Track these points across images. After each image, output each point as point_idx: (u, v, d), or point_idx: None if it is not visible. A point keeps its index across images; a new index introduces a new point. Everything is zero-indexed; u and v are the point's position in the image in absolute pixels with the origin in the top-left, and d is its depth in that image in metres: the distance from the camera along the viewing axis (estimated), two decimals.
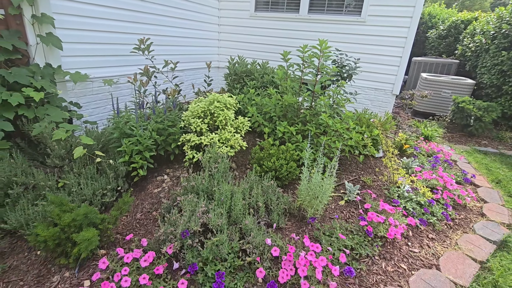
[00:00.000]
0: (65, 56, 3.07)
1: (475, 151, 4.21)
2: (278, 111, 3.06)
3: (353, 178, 2.93)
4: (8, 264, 1.84)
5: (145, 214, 2.36)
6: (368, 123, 3.26)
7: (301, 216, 2.30)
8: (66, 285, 1.71)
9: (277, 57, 5.33)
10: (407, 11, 4.30)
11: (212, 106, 2.54)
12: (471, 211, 2.68)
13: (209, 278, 1.69)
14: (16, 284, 1.72)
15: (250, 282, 1.74)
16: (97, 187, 2.25)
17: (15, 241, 2.04)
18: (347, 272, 1.78)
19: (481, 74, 5.57)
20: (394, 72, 4.63)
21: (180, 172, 2.90)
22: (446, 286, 1.83)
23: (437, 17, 8.92)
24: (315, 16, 4.93)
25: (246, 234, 1.94)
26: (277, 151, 2.69)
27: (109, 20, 3.46)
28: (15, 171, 2.16)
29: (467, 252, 2.14)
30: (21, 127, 2.57)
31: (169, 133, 2.80)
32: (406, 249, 2.12)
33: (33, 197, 2.12)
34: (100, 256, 1.90)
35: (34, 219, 1.95)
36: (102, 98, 3.67)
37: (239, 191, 2.14)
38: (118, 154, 2.54)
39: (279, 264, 1.83)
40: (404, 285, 1.84)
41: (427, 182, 2.83)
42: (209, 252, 1.73)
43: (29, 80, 2.58)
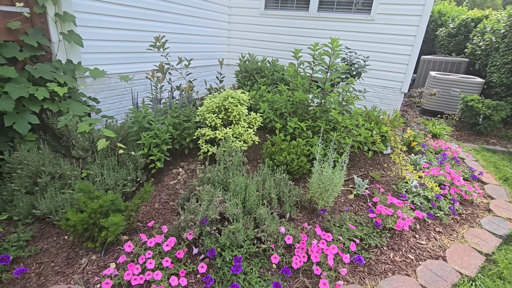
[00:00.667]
0: (84, 53, 3.20)
1: (484, 150, 4.24)
2: (288, 108, 3.15)
3: (361, 174, 3.01)
4: (39, 247, 1.98)
5: (162, 204, 2.48)
6: (376, 120, 3.33)
7: (312, 208, 2.39)
8: (94, 267, 1.84)
9: (286, 54, 5.40)
10: (417, 10, 4.33)
11: (226, 102, 2.64)
12: (477, 206, 2.74)
13: (226, 263, 1.80)
14: (48, 265, 1.86)
15: (264, 267, 1.85)
16: (118, 178, 2.38)
17: (44, 226, 2.18)
18: (356, 260, 1.87)
19: (490, 73, 5.56)
20: (403, 70, 4.67)
21: (194, 165, 3.01)
22: (452, 276, 1.91)
23: (447, 15, 8.86)
24: (325, 14, 4.98)
25: (260, 223, 2.04)
26: (288, 146, 2.78)
27: (125, 18, 3.58)
28: (42, 161, 2.30)
29: (473, 245, 2.21)
30: (45, 120, 2.71)
31: (184, 128, 2.91)
32: (413, 241, 2.20)
33: (60, 186, 2.25)
34: (123, 241, 2.03)
35: (63, 205, 2.08)
36: (118, 93, 3.80)
37: (252, 183, 2.24)
38: (137, 146, 2.66)
39: (292, 252, 1.93)
40: (411, 274, 1.92)
41: (434, 178, 2.89)
42: (227, 239, 1.84)
43: (53, 75, 2.71)
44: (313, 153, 2.82)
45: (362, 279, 1.85)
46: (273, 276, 1.79)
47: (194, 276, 1.78)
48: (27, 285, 1.72)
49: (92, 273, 1.80)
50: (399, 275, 1.89)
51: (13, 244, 1.91)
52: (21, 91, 2.42)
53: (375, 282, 1.83)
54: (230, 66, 6.23)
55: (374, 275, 1.89)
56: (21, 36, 2.65)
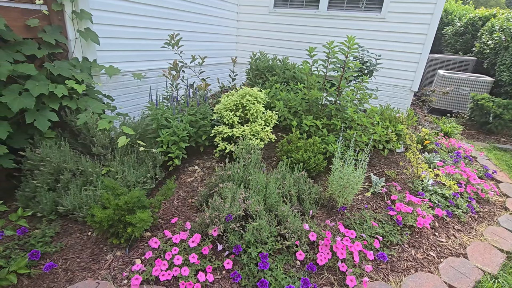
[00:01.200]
0: (99, 51, 3.21)
1: (495, 148, 4.24)
2: (304, 106, 3.15)
3: (376, 172, 3.02)
4: (64, 243, 1.99)
5: (181, 201, 2.50)
6: (390, 118, 3.33)
7: (331, 206, 2.40)
8: (119, 263, 1.86)
9: (295, 53, 5.40)
10: (428, 8, 4.32)
11: (244, 100, 2.65)
12: (494, 205, 2.75)
13: (251, 259, 1.81)
14: (74, 261, 1.87)
15: (289, 264, 1.86)
16: (139, 175, 2.39)
17: (66, 223, 2.19)
18: (380, 257, 1.89)
19: (500, 71, 5.55)
20: (413, 68, 4.66)
21: (209, 163, 3.02)
22: (474, 273, 1.92)
23: (453, 14, 8.83)
24: (335, 12, 4.97)
25: (282, 220, 2.05)
26: (305, 144, 2.79)
27: (139, 16, 3.59)
28: (64, 158, 2.31)
29: (493, 243, 2.22)
30: (63, 118, 2.72)
31: (200, 125, 2.92)
32: (433, 238, 2.21)
33: (82, 183, 2.27)
34: (146, 238, 2.04)
35: (86, 202, 2.10)
36: (131, 91, 3.81)
37: (272, 181, 2.25)
38: (155, 144, 2.68)
39: (315, 249, 1.95)
40: (434, 271, 1.93)
41: (450, 177, 2.90)
42: (251, 235, 1.85)
43: (70, 73, 2.72)
44: (329, 151, 2.83)
45: (385, 276, 1.86)
46: (297, 272, 1.81)
47: (219, 272, 1.80)
48: (55, 280, 1.73)
49: (119, 269, 1.82)
50: (422, 272, 1.90)
51: (39, 240, 1.92)
52: (41, 88, 2.43)
53: (399, 279, 1.84)
54: (238, 64, 6.22)
55: (397, 272, 1.90)
56: (39, 34, 2.66)
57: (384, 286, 1.77)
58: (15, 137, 2.44)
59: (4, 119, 2.34)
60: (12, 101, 2.25)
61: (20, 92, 2.37)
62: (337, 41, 3.22)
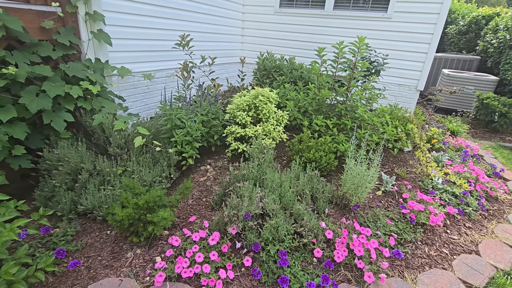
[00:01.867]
0: (111, 51, 3.24)
1: (501, 147, 4.28)
2: (314, 106, 3.19)
3: (386, 170, 3.05)
4: (85, 242, 2.03)
5: (196, 200, 2.54)
6: (398, 117, 3.36)
7: (343, 204, 2.44)
8: (140, 261, 1.90)
9: (301, 52, 5.43)
10: (435, 8, 4.35)
11: (257, 100, 2.69)
12: (503, 203, 2.79)
13: (270, 257, 1.85)
14: (95, 259, 1.91)
15: (306, 261, 1.90)
16: (154, 175, 2.43)
17: (85, 222, 2.23)
18: (395, 254, 1.93)
19: (504, 70, 5.58)
20: (419, 68, 4.69)
21: (221, 162, 3.06)
22: (488, 269, 1.96)
23: (456, 13, 8.84)
24: (341, 12, 4.99)
25: (298, 218, 2.09)
26: (316, 143, 2.82)
27: (149, 17, 3.62)
28: (81, 158, 2.35)
29: (504, 240, 2.26)
30: (78, 118, 2.76)
31: (211, 125, 2.96)
32: (445, 236, 2.25)
33: (99, 182, 2.31)
34: (164, 236, 2.08)
35: (105, 201, 2.13)
36: (140, 92, 3.85)
37: (286, 180, 2.29)
38: (169, 144, 2.71)
39: (331, 246, 1.99)
40: (448, 267, 1.97)
41: (459, 175, 2.94)
42: (269, 233, 1.89)
43: (85, 74, 2.75)
44: (340, 150, 2.87)
45: (401, 272, 1.90)
46: (315, 269, 1.85)
47: (239, 269, 1.83)
48: (78, 278, 1.77)
49: (140, 266, 1.86)
50: (436, 269, 1.94)
51: (61, 238, 1.96)
52: (58, 90, 2.47)
53: (414, 275, 1.88)
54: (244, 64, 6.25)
55: (412, 269, 1.94)
56: (54, 35, 2.69)
57: (400, 283, 1.81)
58: (31, 138, 2.48)
59: (21, 120, 2.38)
60: (30, 102, 2.29)
61: (37, 93, 2.40)
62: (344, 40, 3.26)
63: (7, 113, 2.22)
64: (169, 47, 4.00)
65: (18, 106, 2.31)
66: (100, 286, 1.70)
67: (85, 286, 1.72)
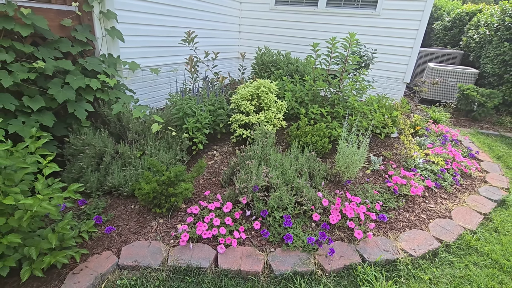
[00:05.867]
0: (122, 47, 3.49)
1: (478, 133, 4.70)
2: (310, 96, 3.51)
3: (374, 153, 3.41)
4: (113, 214, 2.33)
5: (206, 180, 2.85)
6: (385, 106, 3.72)
7: (337, 181, 2.78)
8: (163, 228, 2.20)
9: (296, 48, 5.74)
10: (419, 6, 4.70)
11: (259, 90, 2.99)
12: (475, 179, 3.18)
13: (276, 221, 2.18)
14: (124, 227, 2.21)
15: (306, 225, 2.24)
16: (169, 157, 2.72)
17: (110, 199, 2.52)
18: (381, 218, 2.28)
19: (484, 64, 6.00)
20: (406, 62, 5.06)
21: (226, 148, 3.37)
22: (457, 229, 2.33)
23: (442, 9, 9.26)
24: (333, 9, 5.31)
25: (298, 191, 2.42)
26: (312, 129, 3.15)
27: (156, 14, 3.87)
28: (104, 143, 2.63)
29: (473, 208, 2.64)
30: (96, 108, 3.02)
31: (217, 114, 3.26)
32: (424, 205, 2.62)
33: (121, 164, 2.59)
34: (182, 208, 2.39)
35: (130, 179, 2.43)
36: (147, 85, 4.11)
37: (288, 160, 2.62)
38: (180, 130, 3.00)
39: (327, 213, 2.33)
40: (424, 228, 2.34)
41: (438, 156, 3.32)
42: (274, 202, 2.22)
43: (101, 68, 3.01)
44: (333, 135, 3.21)
45: (385, 233, 2.26)
46: (313, 231, 2.19)
47: (249, 232, 2.16)
48: (112, 242, 2.07)
49: (164, 232, 2.16)
50: (414, 230, 2.31)
51: (93, 210, 2.25)
52: (79, 82, 2.73)
53: (396, 235, 2.24)
54: (241, 59, 6.53)
55: (395, 230, 2.30)
56: (72, 32, 2.93)
57: (384, 240, 2.17)
58: (56, 126, 2.73)
59: (48, 110, 2.64)
60: (57, 93, 2.55)
61: (62, 85, 2.66)
62: (336, 36, 3.57)
63: (37, 103, 2.48)
64: (173, 43, 4.26)
65: (45, 97, 2.57)
66: (132, 247, 2.00)
67: (119, 247, 2.02)
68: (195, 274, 1.84)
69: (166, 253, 1.96)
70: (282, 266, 1.88)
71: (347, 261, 1.96)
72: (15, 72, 2.38)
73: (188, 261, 1.88)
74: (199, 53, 4.25)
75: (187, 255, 1.92)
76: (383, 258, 2.00)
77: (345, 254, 2.01)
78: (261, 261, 1.91)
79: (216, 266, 1.89)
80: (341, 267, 1.93)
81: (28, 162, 1.56)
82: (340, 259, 1.97)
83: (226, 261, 1.90)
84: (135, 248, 1.98)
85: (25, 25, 2.47)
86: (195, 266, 1.86)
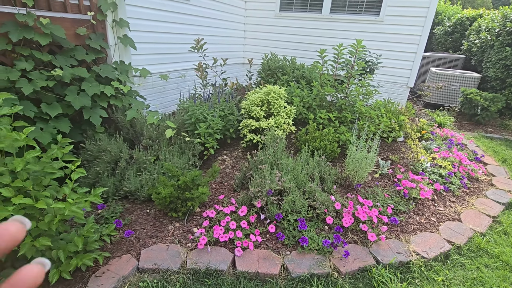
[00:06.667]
0: (133, 55, 3.57)
1: (482, 137, 4.75)
2: (318, 101, 3.58)
3: (382, 157, 3.46)
4: (129, 218, 2.37)
5: (218, 184, 2.90)
6: (391, 110, 3.78)
7: (347, 185, 2.83)
8: (180, 231, 2.25)
9: (300, 53, 5.83)
10: (422, 11, 4.79)
11: (269, 96, 3.06)
12: (482, 182, 3.23)
13: (290, 224, 2.23)
14: (141, 231, 2.26)
15: (319, 228, 2.29)
16: (183, 162, 2.78)
17: (125, 203, 2.57)
18: (392, 221, 2.33)
19: (486, 68, 6.08)
20: (409, 67, 5.14)
21: (236, 153, 3.43)
22: (467, 232, 2.37)
23: (443, 14, 9.38)
24: (337, 16, 5.41)
25: (310, 195, 2.47)
26: (321, 134, 3.21)
27: (166, 22, 3.96)
28: (119, 149, 2.69)
29: (482, 210, 2.68)
30: (110, 114, 3.08)
31: (228, 120, 3.32)
32: (433, 208, 2.67)
33: (136, 169, 2.65)
34: (197, 212, 2.44)
35: (146, 184, 2.48)
36: (156, 91, 4.18)
37: (299, 164, 2.67)
38: (192, 135, 3.06)
39: (339, 216, 2.38)
40: (435, 231, 2.38)
41: (445, 160, 3.37)
42: (288, 206, 2.27)
43: (114, 75, 3.08)
44: (341, 139, 3.26)
45: (397, 235, 2.30)
46: (327, 234, 2.23)
47: (264, 235, 2.21)
48: (131, 245, 2.12)
49: (181, 235, 2.21)
50: (425, 232, 2.35)
51: (111, 214, 2.30)
52: (94, 89, 2.79)
53: (407, 237, 2.29)
54: (245, 65, 6.62)
55: (406, 233, 2.34)
56: (87, 41, 3.01)
57: (396, 242, 2.21)
58: (71, 132, 2.79)
59: (64, 116, 2.70)
60: (74, 100, 2.62)
61: (78, 92, 2.73)
62: (340, 42, 3.65)
63: (54, 110, 2.54)
64: (181, 50, 4.35)
65: (61, 104, 2.64)
66: (151, 250, 2.05)
67: (138, 251, 2.06)
68: (214, 276, 1.88)
69: (185, 256, 2.00)
70: (298, 268, 1.93)
71: (362, 263, 2.00)
72: (35, 80, 2.45)
73: (207, 264, 1.92)
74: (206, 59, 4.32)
75: (206, 258, 1.97)
76: (397, 260, 2.04)
77: (359, 257, 2.05)
78: (277, 263, 1.96)
79: (234, 269, 1.94)
80: (356, 269, 1.97)
81: (55, 167, 1.61)
82: (355, 261, 2.01)
83: (244, 263, 1.94)
84: (154, 252, 2.03)
85: (44, 34, 2.54)
86: (214, 269, 1.90)
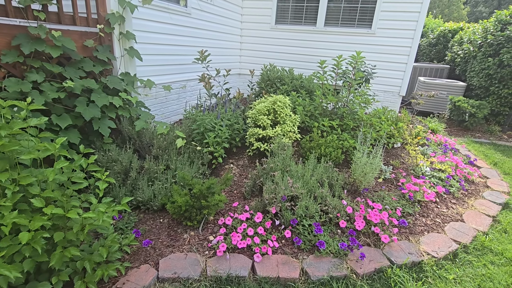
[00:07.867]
0: (138, 66, 3.61)
1: (472, 142, 5.00)
2: (319, 110, 3.70)
3: (383, 163, 3.59)
4: (144, 228, 2.36)
5: (228, 192, 2.93)
6: (390, 118, 3.95)
7: (353, 189, 2.92)
8: (196, 240, 2.26)
9: (296, 64, 6.01)
10: (411, 25, 5.08)
11: (275, 105, 3.15)
12: (478, 184, 3.40)
13: (305, 229, 2.28)
14: (157, 241, 2.25)
15: (332, 232, 2.35)
16: (193, 171, 2.80)
17: (137, 213, 2.55)
18: (401, 223, 2.42)
19: (470, 77, 6.44)
20: (401, 76, 5.39)
21: (242, 161, 3.47)
22: (471, 231, 2.49)
23: (426, 27, 9.91)
24: (331, 28, 5.64)
25: (322, 200, 2.54)
26: (325, 141, 3.32)
27: (169, 34, 4.04)
28: (129, 159, 2.69)
29: (482, 211, 2.82)
30: (117, 125, 3.09)
31: (234, 129, 3.38)
32: (437, 210, 2.78)
33: (147, 179, 2.65)
34: (211, 220, 2.45)
35: (159, 193, 2.48)
36: (159, 102, 4.21)
37: (307, 171, 2.75)
38: (200, 145, 3.10)
39: (351, 220, 2.45)
40: (441, 232, 2.49)
41: (442, 164, 3.53)
42: (302, 211, 2.32)
43: (122, 86, 3.11)
44: (345, 146, 3.37)
45: (406, 237, 2.39)
46: (340, 237, 2.29)
47: (280, 241, 2.24)
48: (148, 255, 2.11)
49: (197, 244, 2.22)
50: (433, 233, 2.45)
51: (126, 225, 2.29)
52: (103, 100, 2.81)
53: (416, 238, 2.38)
54: (242, 76, 6.76)
55: (415, 234, 2.44)
56: (94, 53, 3.04)
57: (407, 243, 2.29)
58: (79, 143, 2.78)
59: (74, 127, 2.70)
60: (84, 111, 2.63)
61: (87, 103, 2.74)
62: (335, 53, 3.81)
63: (65, 121, 2.54)
64: (183, 61, 4.42)
65: (70, 115, 2.63)
66: (170, 259, 2.05)
67: (155, 260, 2.05)
68: (236, 282, 1.90)
69: (204, 264, 2.01)
70: (317, 271, 1.97)
71: (377, 264, 2.07)
72: (46, 92, 2.45)
73: (227, 270, 1.94)
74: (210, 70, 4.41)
75: (225, 265, 1.98)
76: (409, 260, 2.12)
77: (374, 258, 2.12)
78: (297, 267, 1.99)
79: (255, 274, 1.96)
80: (372, 271, 2.03)
81: (81, 177, 1.62)
82: (370, 263, 2.08)
83: (264, 269, 1.97)
84: (172, 261, 2.03)
85: (55, 46, 2.57)
86: (235, 275, 1.92)
